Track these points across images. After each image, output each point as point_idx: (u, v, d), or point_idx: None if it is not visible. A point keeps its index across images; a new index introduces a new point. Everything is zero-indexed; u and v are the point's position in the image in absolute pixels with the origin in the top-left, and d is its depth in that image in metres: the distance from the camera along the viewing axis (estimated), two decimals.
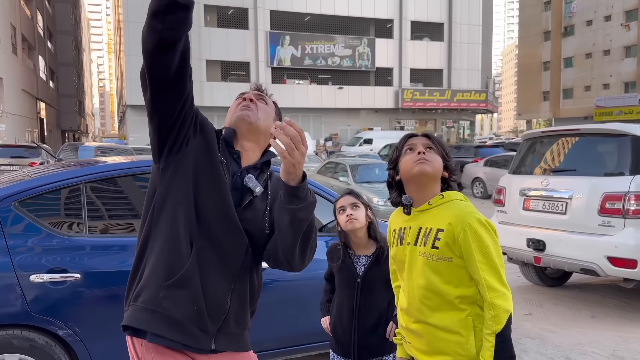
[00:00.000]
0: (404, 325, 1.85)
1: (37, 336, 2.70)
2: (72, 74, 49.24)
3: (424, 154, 1.75)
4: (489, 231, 1.68)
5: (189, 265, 1.53)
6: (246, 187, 1.64)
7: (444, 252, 1.69)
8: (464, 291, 1.71)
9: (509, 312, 1.64)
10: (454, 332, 1.70)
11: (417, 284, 1.75)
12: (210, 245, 1.56)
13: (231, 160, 1.66)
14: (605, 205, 4.74)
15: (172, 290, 1.52)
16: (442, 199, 1.76)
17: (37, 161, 13.71)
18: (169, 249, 1.54)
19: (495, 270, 1.65)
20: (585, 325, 4.77)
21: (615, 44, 43.93)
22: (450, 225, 1.68)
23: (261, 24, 33.51)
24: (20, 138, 25.43)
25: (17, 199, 2.80)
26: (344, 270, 2.44)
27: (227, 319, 1.60)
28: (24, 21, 30.07)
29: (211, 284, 1.55)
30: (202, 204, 1.56)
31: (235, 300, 1.61)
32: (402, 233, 1.83)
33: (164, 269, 1.53)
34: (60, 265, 2.74)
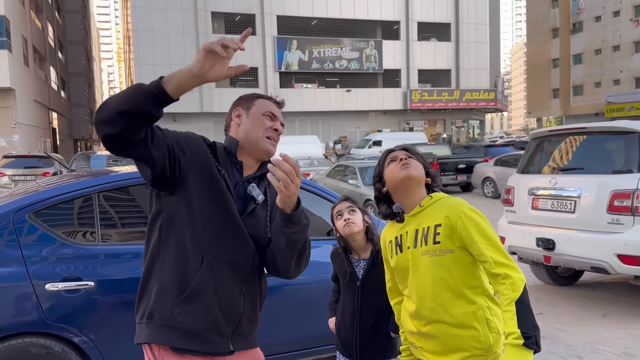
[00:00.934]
0: (415, 330, 1.87)
1: (53, 343, 2.76)
2: (82, 84, 49.78)
3: (406, 159, 1.86)
4: (481, 216, 1.77)
5: (200, 278, 1.60)
6: (249, 195, 1.73)
7: (446, 245, 1.76)
8: (471, 281, 1.77)
9: (524, 281, 1.67)
10: (468, 326, 1.74)
11: (425, 284, 1.79)
12: (221, 254, 1.63)
13: (233, 170, 1.73)
14: (614, 203, 4.73)
15: (186, 304, 1.60)
16: (431, 199, 1.86)
17: (50, 171, 13.90)
18: (178, 266, 1.61)
19: (498, 248, 1.72)
20: (596, 324, 4.76)
21: (624, 39, 43.55)
22: (447, 218, 1.76)
23: (268, 29, 33.69)
24: (34, 148, 25.77)
25: (32, 210, 2.87)
26: (345, 273, 2.50)
27: (241, 321, 1.69)
28: (34, 33, 30.50)
29: (224, 290, 1.63)
30: (208, 218, 1.63)
31: (247, 303, 1.70)
32: (399, 241, 1.89)
33: (175, 286, 1.60)
34: (74, 274, 2.81)
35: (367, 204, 10.50)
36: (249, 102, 1.81)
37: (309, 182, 3.82)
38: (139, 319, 1.67)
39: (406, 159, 1.87)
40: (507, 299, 1.64)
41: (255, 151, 1.74)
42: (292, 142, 25.53)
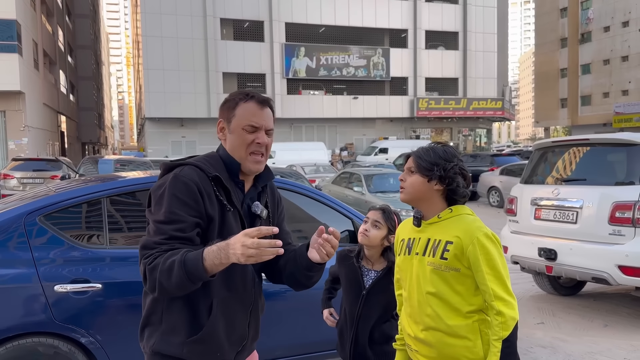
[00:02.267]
0: (412, 334, 1.92)
1: (60, 343, 2.84)
2: (91, 88, 50.23)
3: (402, 180, 1.89)
4: (495, 244, 1.78)
5: (210, 322, 1.63)
6: (254, 213, 1.75)
7: (452, 263, 1.79)
8: (471, 299, 1.81)
9: (516, 320, 1.73)
10: (462, 337, 1.79)
11: (425, 291, 1.84)
12: (229, 292, 1.67)
13: (237, 190, 1.73)
14: (616, 214, 4.77)
15: (196, 345, 1.63)
16: (451, 212, 1.85)
17: (59, 174, 14.04)
18: (187, 308, 1.63)
19: (501, 281, 1.75)
20: (597, 334, 4.78)
21: (633, 49, 43.45)
22: (459, 239, 1.77)
23: (276, 36, 33.89)
24: (42, 151, 26.01)
25: (43, 213, 2.95)
26: (352, 278, 2.51)
27: (246, 343, 1.77)
28: (45, 37, 30.84)
29: (232, 325, 1.70)
30: None
31: (252, 327, 1.78)
32: (410, 243, 1.93)
33: (184, 327, 1.63)
34: (82, 276, 2.88)
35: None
36: (229, 111, 1.72)
37: (313, 190, 3.89)
38: (143, 347, 1.71)
39: (402, 180, 1.89)
40: (495, 335, 1.73)
41: (244, 170, 1.73)
42: (298, 149, 25.67)
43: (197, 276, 1.45)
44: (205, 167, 1.66)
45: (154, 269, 1.50)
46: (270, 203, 1.84)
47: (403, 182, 1.88)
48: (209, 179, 1.64)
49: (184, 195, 1.58)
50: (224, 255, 1.41)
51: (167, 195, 1.59)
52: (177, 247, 1.52)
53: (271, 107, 1.75)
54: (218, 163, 1.72)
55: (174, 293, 1.52)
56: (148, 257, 1.53)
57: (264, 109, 1.72)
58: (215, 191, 1.64)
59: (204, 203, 1.60)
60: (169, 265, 1.46)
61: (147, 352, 1.69)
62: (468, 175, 1.86)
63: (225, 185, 1.66)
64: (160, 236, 1.55)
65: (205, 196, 1.60)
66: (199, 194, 1.59)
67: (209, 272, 1.45)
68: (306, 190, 3.74)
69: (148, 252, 1.54)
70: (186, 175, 1.61)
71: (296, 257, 1.73)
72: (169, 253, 1.50)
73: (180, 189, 1.59)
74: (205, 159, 1.72)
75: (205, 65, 32.10)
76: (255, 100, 1.71)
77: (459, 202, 1.87)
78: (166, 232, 1.55)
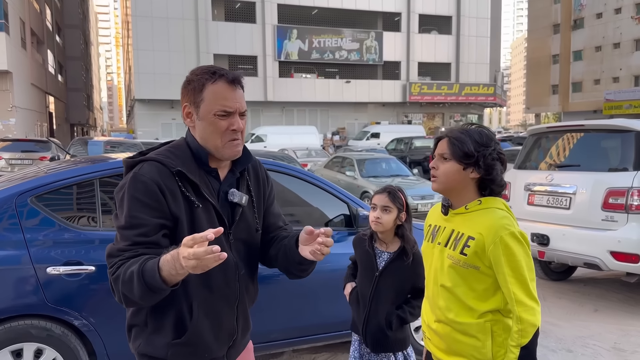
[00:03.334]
0: (427, 322, 1.88)
1: (53, 326, 2.81)
2: (80, 68, 49.47)
3: (434, 168, 1.76)
4: (522, 244, 1.65)
5: (192, 326, 1.55)
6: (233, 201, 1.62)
7: (472, 260, 1.69)
8: (488, 300, 1.72)
9: (537, 327, 1.64)
10: (472, 335, 1.72)
11: (440, 284, 1.78)
12: (210, 291, 1.57)
13: (210, 179, 1.60)
14: (609, 200, 4.79)
15: (181, 347, 1.56)
16: (479, 205, 1.73)
17: (48, 155, 13.85)
18: (169, 312, 1.54)
19: (524, 285, 1.63)
20: (588, 319, 4.83)
21: (625, 37, 43.53)
22: (481, 235, 1.66)
23: (269, 17, 33.51)
24: (30, 132, 25.66)
25: (34, 194, 2.90)
26: (365, 260, 2.51)
27: (236, 338, 1.69)
28: (32, 15, 30.24)
29: (219, 325, 1.61)
30: None
31: (240, 321, 1.69)
32: (435, 230, 1.86)
33: (167, 330, 1.55)
34: (75, 258, 2.84)
35: (364, 196, 10.54)
36: (196, 94, 1.53)
37: (307, 172, 3.85)
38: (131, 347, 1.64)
39: (435, 168, 1.76)
40: (513, 342, 1.64)
41: (221, 158, 1.59)
42: (290, 132, 25.53)
43: (157, 287, 1.33)
44: (168, 161, 1.52)
45: (117, 280, 1.40)
46: (253, 186, 1.71)
47: (435, 170, 1.73)
48: (172, 174, 1.50)
49: (144, 196, 1.46)
50: (178, 266, 1.27)
51: (126, 197, 1.47)
52: (141, 253, 1.41)
53: (242, 85, 1.58)
54: (185, 153, 1.57)
55: (142, 304, 1.43)
56: (112, 266, 1.44)
57: (236, 89, 1.54)
58: (180, 187, 1.50)
59: (167, 202, 1.47)
60: (129, 276, 1.36)
61: (134, 353, 1.64)
62: (505, 160, 1.74)
63: (191, 179, 1.52)
64: (123, 243, 1.45)
65: (167, 194, 1.48)
66: (161, 193, 1.47)
67: (168, 283, 1.33)
68: (300, 173, 3.70)
69: (112, 260, 1.45)
70: (145, 174, 1.48)
71: (286, 251, 1.65)
72: (130, 262, 1.39)
73: (139, 190, 1.47)
74: (170, 150, 1.58)
75: (196, 46, 31.72)
76: (224, 80, 1.53)
77: (495, 190, 1.74)
78: (129, 238, 1.44)
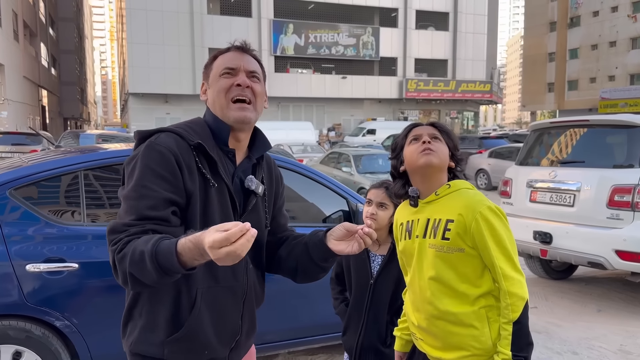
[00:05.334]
0: (416, 323, 1.78)
1: (33, 327, 2.64)
2: (74, 62, 49.04)
3: (429, 143, 1.69)
4: (500, 218, 1.63)
5: (192, 316, 1.41)
6: (248, 189, 1.51)
7: (455, 243, 1.63)
8: (478, 282, 1.65)
9: (525, 300, 1.60)
10: (468, 325, 1.65)
11: (428, 276, 1.69)
12: (216, 281, 1.44)
13: (226, 161, 1.48)
14: (614, 197, 4.66)
15: (178, 344, 1.42)
16: (449, 188, 1.70)
17: (38, 148, 13.66)
18: (168, 301, 1.41)
19: (509, 258, 1.61)
20: (591, 319, 4.70)
21: (621, 35, 43.53)
22: (461, 216, 1.62)
23: (264, 11, 33.24)
24: (22, 125, 25.35)
25: (14, 186, 2.72)
26: (358, 266, 2.31)
27: (240, 339, 1.54)
28: (25, 7, 29.87)
29: (222, 319, 1.47)
30: None
31: (245, 319, 1.54)
32: (409, 226, 1.77)
33: (164, 323, 1.41)
34: (57, 255, 2.67)
35: (361, 192, 10.41)
36: (208, 69, 1.51)
37: (305, 166, 3.69)
38: (124, 345, 1.49)
39: (429, 142, 1.69)
40: (504, 318, 1.60)
41: (236, 126, 1.46)
42: (285, 128, 25.36)
43: (174, 271, 1.19)
44: (186, 134, 1.41)
45: (123, 259, 1.24)
46: (267, 181, 1.60)
47: (430, 145, 1.68)
48: (191, 147, 1.39)
49: (159, 166, 1.33)
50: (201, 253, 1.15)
51: (138, 167, 1.33)
52: (150, 229, 1.27)
53: (254, 55, 1.52)
54: (203, 129, 1.46)
55: (152, 286, 1.27)
56: (116, 243, 1.27)
57: (243, 54, 1.49)
58: (197, 162, 1.39)
59: (183, 177, 1.35)
60: (139, 256, 1.20)
61: (127, 352, 1.47)
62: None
63: (210, 155, 1.40)
64: (130, 216, 1.29)
65: (184, 168, 1.36)
66: (177, 166, 1.34)
67: (187, 266, 1.19)
68: (297, 167, 3.54)
69: (116, 236, 1.28)
70: (162, 143, 1.36)
71: (307, 248, 1.52)
72: (141, 239, 1.23)
73: (154, 159, 1.34)
74: (188, 124, 1.47)
75: (191, 40, 31.41)
76: (233, 48, 1.51)
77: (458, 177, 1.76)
78: (136, 211, 1.29)
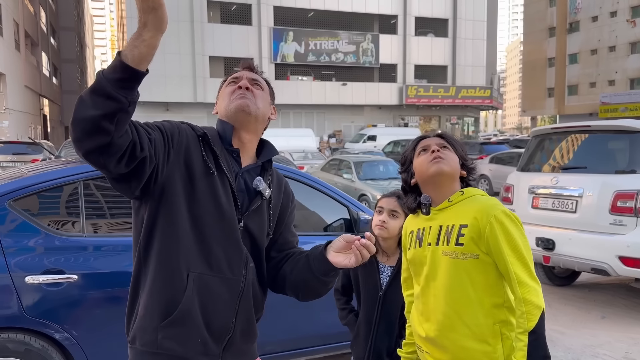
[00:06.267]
0: (424, 334, 1.72)
1: (32, 339, 2.61)
2: (75, 71, 49.20)
3: (438, 151, 1.68)
4: (515, 223, 1.59)
5: (186, 299, 1.42)
6: (254, 189, 1.54)
7: (469, 249, 1.60)
8: (493, 290, 1.61)
9: (542, 309, 1.54)
10: (481, 340, 1.60)
11: (442, 286, 1.64)
12: (210, 269, 1.45)
13: (230, 160, 1.54)
14: (617, 203, 4.63)
15: (171, 328, 1.42)
16: (462, 195, 1.68)
17: (39, 158, 13.65)
18: (161, 286, 1.42)
19: (525, 264, 1.56)
20: (595, 327, 4.67)
21: (620, 40, 43.59)
22: (475, 220, 1.59)
23: (264, 20, 33.36)
24: (23, 135, 25.38)
25: (12, 198, 2.71)
26: (366, 278, 2.27)
27: (233, 337, 1.52)
28: (27, 17, 30.00)
29: (214, 310, 1.46)
30: (194, 227, 1.43)
31: (241, 318, 1.52)
32: (421, 234, 1.74)
33: (158, 308, 1.42)
34: (56, 266, 2.65)
35: (362, 199, 10.38)
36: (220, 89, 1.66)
37: (305, 174, 3.67)
38: (128, 342, 1.51)
39: (439, 150, 1.68)
40: (520, 328, 1.53)
41: (235, 121, 1.53)
42: (286, 135, 25.37)
43: (114, 66, 1.14)
44: (195, 126, 1.53)
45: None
46: (275, 191, 1.62)
47: (439, 153, 1.67)
48: (198, 137, 1.48)
49: (167, 126, 1.44)
50: (139, 25, 1.13)
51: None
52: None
53: (256, 70, 1.67)
54: (211, 130, 1.56)
55: (89, 106, 1.13)
56: None
57: (249, 69, 1.65)
58: (202, 150, 1.47)
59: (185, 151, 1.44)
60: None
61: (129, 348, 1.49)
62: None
63: (214, 149, 1.48)
64: None
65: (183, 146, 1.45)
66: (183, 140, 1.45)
67: (129, 58, 1.13)
68: (297, 175, 3.52)
69: None
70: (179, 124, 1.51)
71: (310, 262, 1.52)
72: None
73: (171, 125, 1.47)
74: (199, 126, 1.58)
75: (192, 49, 31.52)
76: (241, 66, 1.67)
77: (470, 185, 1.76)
78: None
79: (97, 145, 1.17)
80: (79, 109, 1.15)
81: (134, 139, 1.24)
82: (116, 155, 1.20)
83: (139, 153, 1.26)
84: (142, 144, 1.27)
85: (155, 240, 1.43)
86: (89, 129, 1.14)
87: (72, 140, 1.18)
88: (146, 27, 1.13)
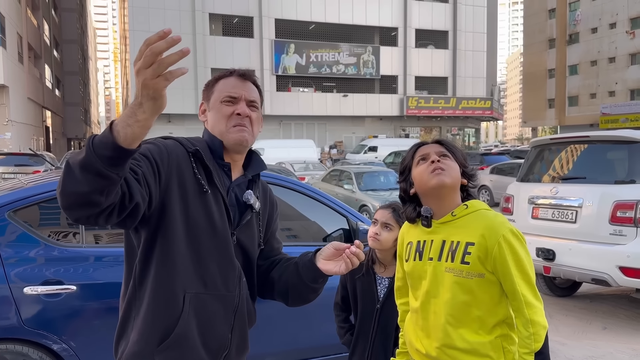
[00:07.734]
0: (423, 351, 1.68)
1: (30, 350, 2.61)
2: (78, 83, 49.48)
3: (438, 162, 1.60)
4: (522, 243, 1.56)
5: (182, 322, 1.40)
6: (245, 203, 1.54)
7: (475, 268, 1.55)
8: (496, 309, 1.59)
9: (546, 328, 1.54)
10: (484, 354, 1.57)
11: (443, 303, 1.60)
12: (205, 288, 1.44)
13: (222, 174, 1.52)
14: (617, 213, 4.63)
15: (168, 352, 1.40)
16: (467, 209, 1.61)
17: (41, 169, 13.68)
18: (157, 310, 1.40)
19: (530, 285, 1.54)
20: (596, 337, 4.64)
21: (620, 51, 43.78)
22: (483, 238, 1.54)
23: (266, 32, 33.60)
24: (26, 146, 25.48)
25: (12, 209, 2.72)
26: (364, 289, 2.26)
27: (229, 354, 1.52)
28: (30, 30, 30.25)
29: (211, 329, 1.45)
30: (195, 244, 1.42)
31: (236, 334, 1.52)
32: (421, 247, 1.67)
33: (154, 332, 1.40)
34: (55, 277, 2.65)
35: (363, 210, 10.38)
36: (209, 90, 1.57)
37: (305, 184, 3.69)
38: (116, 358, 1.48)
39: (439, 160, 1.60)
40: (526, 348, 1.52)
41: (229, 146, 1.51)
42: (287, 146, 25.44)
43: (105, 142, 1.07)
44: (186, 143, 1.48)
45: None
46: (262, 202, 1.62)
47: (439, 164, 1.58)
48: (189, 154, 1.44)
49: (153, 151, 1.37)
50: (135, 104, 1.07)
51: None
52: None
53: (254, 81, 1.58)
54: (201, 144, 1.51)
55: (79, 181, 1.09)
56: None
57: (245, 82, 1.56)
58: (193, 168, 1.43)
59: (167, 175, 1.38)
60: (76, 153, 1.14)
61: None
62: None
63: (207, 164, 1.45)
64: None
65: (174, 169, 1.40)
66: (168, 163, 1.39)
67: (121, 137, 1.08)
68: (297, 186, 3.53)
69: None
70: (161, 142, 1.44)
71: (298, 269, 1.53)
72: None
73: (150, 148, 1.38)
74: (187, 138, 1.54)
75: (194, 61, 31.71)
76: (236, 74, 1.57)
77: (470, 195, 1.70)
78: None
79: (87, 215, 1.16)
80: (68, 182, 1.10)
81: (123, 191, 1.19)
82: (105, 213, 1.18)
83: (129, 203, 1.22)
84: (132, 193, 1.22)
85: (152, 265, 1.40)
86: (80, 202, 1.12)
87: (61, 207, 1.15)
88: (142, 107, 1.09)
